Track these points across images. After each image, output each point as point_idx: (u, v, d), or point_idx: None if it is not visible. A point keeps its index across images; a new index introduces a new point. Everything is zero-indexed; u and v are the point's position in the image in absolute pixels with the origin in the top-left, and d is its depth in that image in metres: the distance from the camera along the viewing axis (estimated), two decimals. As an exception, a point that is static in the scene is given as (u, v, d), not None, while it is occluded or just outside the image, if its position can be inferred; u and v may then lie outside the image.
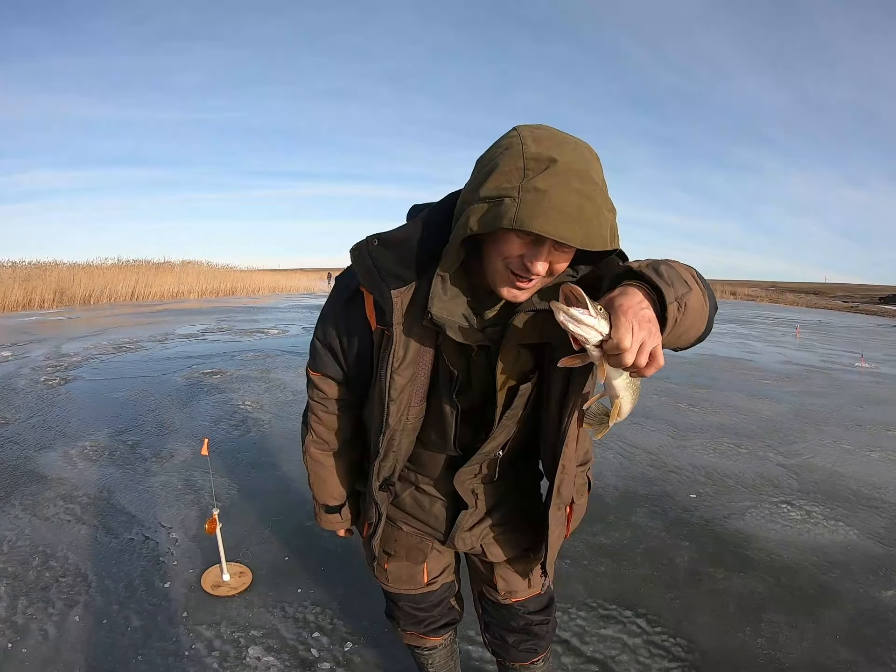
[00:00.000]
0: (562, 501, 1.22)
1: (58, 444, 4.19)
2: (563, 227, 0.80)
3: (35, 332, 10.48)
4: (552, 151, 0.83)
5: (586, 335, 0.81)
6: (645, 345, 0.78)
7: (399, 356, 1.02)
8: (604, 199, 0.84)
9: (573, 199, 0.80)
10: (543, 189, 0.80)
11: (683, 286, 0.85)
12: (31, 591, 2.38)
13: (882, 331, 18.64)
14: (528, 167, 0.82)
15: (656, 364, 0.80)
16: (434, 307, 0.95)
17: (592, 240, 0.82)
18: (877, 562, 2.76)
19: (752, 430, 5.05)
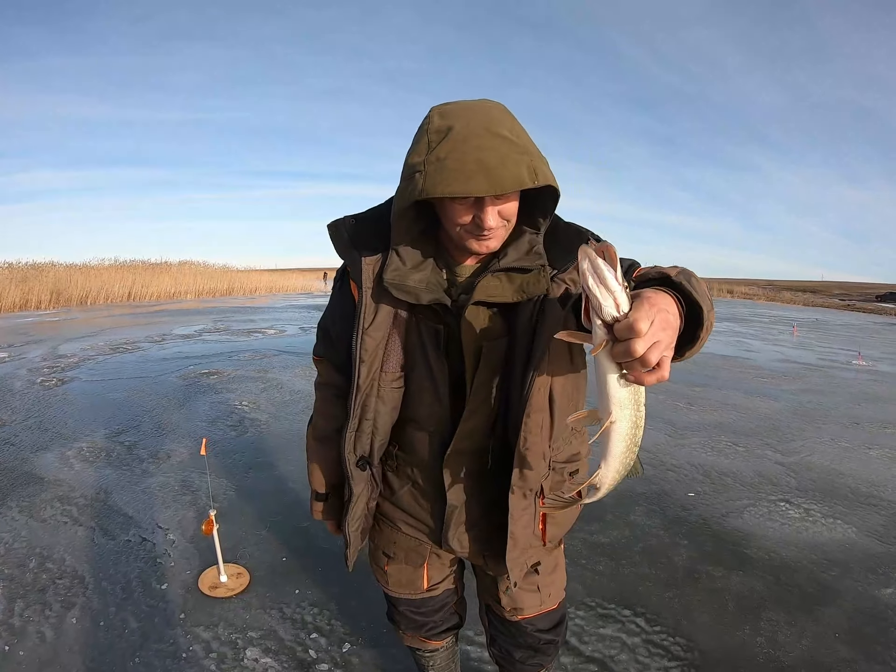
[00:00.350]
0: (527, 486, 1.13)
1: (54, 445, 4.17)
2: (465, 184, 0.87)
3: (32, 333, 10.45)
4: (450, 121, 0.92)
5: (602, 300, 0.72)
6: (659, 344, 0.71)
7: (369, 318, 1.07)
8: (511, 147, 0.90)
9: (471, 157, 0.87)
10: (443, 157, 0.89)
11: (709, 304, 0.84)
12: (28, 594, 2.37)
13: (879, 329, 18.68)
14: (430, 140, 0.92)
15: (661, 373, 0.73)
16: (386, 274, 1.03)
17: (501, 184, 0.88)
18: (876, 560, 2.77)
19: (750, 428, 5.06)
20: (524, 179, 0.89)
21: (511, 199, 0.97)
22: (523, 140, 0.94)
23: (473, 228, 0.97)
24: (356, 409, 1.14)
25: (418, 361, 1.12)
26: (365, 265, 1.06)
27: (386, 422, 1.17)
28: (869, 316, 27.25)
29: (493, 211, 0.95)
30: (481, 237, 0.99)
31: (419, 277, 1.05)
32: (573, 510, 1.30)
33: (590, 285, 0.72)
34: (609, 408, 0.80)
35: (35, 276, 17.33)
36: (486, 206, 0.94)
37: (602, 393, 0.80)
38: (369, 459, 1.21)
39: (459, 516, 1.23)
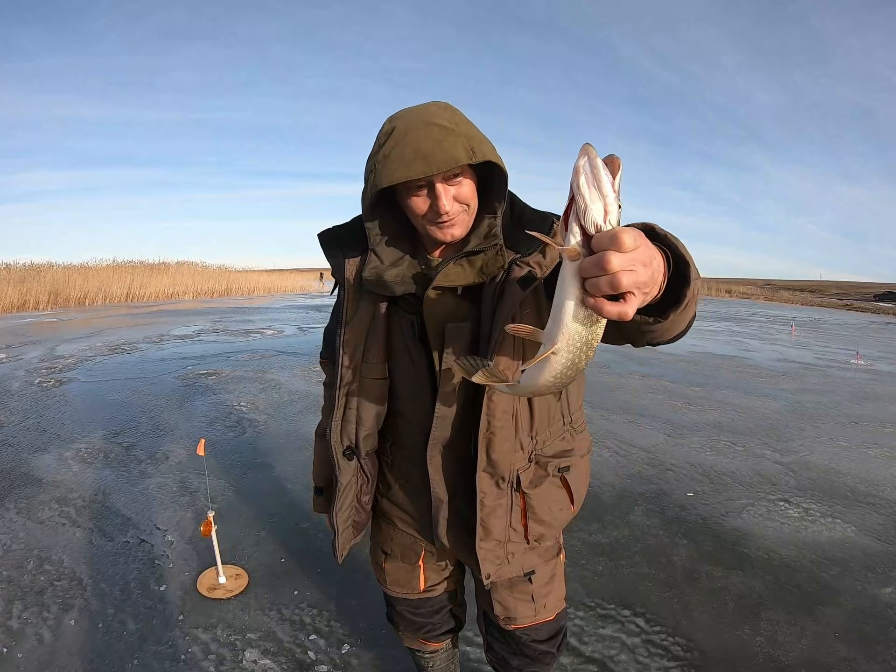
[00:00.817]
0: (497, 474, 1.14)
1: (52, 446, 4.17)
2: (405, 170, 0.96)
3: (30, 334, 10.44)
4: (394, 123, 1.01)
5: (590, 203, 0.63)
6: (635, 273, 0.62)
7: (350, 313, 1.16)
8: (446, 132, 0.97)
9: (409, 146, 0.96)
10: (387, 153, 0.99)
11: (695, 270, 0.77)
12: (27, 595, 2.36)
13: (877, 328, 18.71)
14: (379, 142, 1.02)
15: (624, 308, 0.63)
16: (365, 272, 1.11)
17: (437, 164, 0.95)
18: (875, 558, 2.77)
19: (748, 427, 5.06)
20: (460, 157, 0.96)
21: (463, 183, 1.03)
22: (462, 127, 1.00)
23: (433, 216, 1.03)
24: (340, 400, 1.20)
25: (400, 353, 1.17)
26: (348, 266, 1.15)
27: (370, 413, 1.21)
28: (867, 315, 27.30)
29: (446, 194, 1.01)
30: (442, 223, 1.04)
31: (395, 272, 1.11)
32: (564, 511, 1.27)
33: (581, 183, 0.63)
34: (556, 336, 0.70)
35: (33, 277, 17.32)
36: (438, 190, 1.00)
37: (554, 317, 0.70)
38: (356, 450, 1.24)
39: (446, 511, 1.23)
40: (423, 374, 1.15)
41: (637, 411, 5.44)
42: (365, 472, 1.28)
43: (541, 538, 1.27)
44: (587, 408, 5.09)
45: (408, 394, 1.19)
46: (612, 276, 0.60)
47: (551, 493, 1.23)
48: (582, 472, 1.30)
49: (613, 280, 0.60)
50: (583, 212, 0.63)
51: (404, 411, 1.22)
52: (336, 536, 1.31)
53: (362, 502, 1.31)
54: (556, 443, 1.23)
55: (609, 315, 0.64)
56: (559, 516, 1.27)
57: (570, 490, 1.25)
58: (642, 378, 6.99)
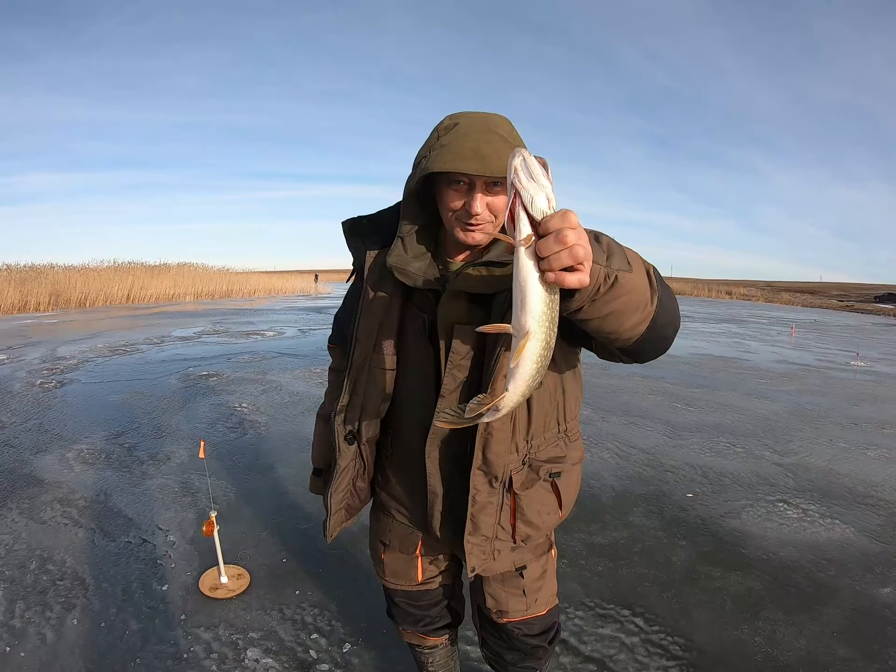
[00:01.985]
0: (490, 473, 1.16)
1: (54, 447, 4.18)
2: (459, 164, 0.99)
3: (30, 335, 10.45)
4: (457, 120, 1.06)
5: (533, 194, 0.71)
6: (584, 247, 0.70)
7: (368, 301, 1.19)
8: (504, 143, 1.01)
9: (469, 144, 1.00)
10: (445, 143, 1.02)
11: (622, 262, 0.83)
12: (29, 595, 2.37)
13: (877, 329, 18.73)
14: (438, 134, 1.06)
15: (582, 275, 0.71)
16: (390, 257, 1.13)
17: (492, 169, 0.98)
18: (873, 559, 2.78)
19: (748, 429, 5.07)
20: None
21: (499, 196, 1.05)
22: (517, 143, 1.04)
23: (463, 215, 1.06)
24: (348, 386, 1.24)
25: (410, 346, 1.21)
26: (368, 256, 1.19)
27: (374, 402, 1.24)
28: (867, 317, 27.32)
29: (481, 199, 1.04)
30: (468, 225, 1.07)
31: (418, 266, 1.14)
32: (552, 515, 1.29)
33: (521, 178, 0.71)
34: (527, 322, 0.76)
35: (34, 278, 17.30)
36: (476, 193, 1.03)
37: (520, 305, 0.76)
38: (357, 436, 1.28)
39: (441, 504, 1.26)
40: (428, 372, 1.19)
41: (637, 413, 5.45)
42: (363, 457, 1.32)
43: (527, 539, 1.29)
44: (587, 409, 5.09)
45: (412, 389, 1.23)
46: (570, 247, 0.68)
47: (541, 497, 1.25)
48: (573, 480, 1.32)
49: (572, 251, 0.68)
50: (530, 202, 0.71)
51: (407, 405, 1.25)
52: (328, 516, 1.34)
53: (357, 487, 1.35)
54: (549, 448, 1.25)
55: (571, 284, 0.71)
56: (546, 520, 1.28)
57: (559, 495, 1.27)
58: (642, 380, 7.00)
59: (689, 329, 14.75)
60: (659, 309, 0.91)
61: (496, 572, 1.33)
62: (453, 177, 1.04)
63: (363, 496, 1.38)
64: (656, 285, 0.91)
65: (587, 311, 0.83)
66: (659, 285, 0.92)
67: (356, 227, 1.24)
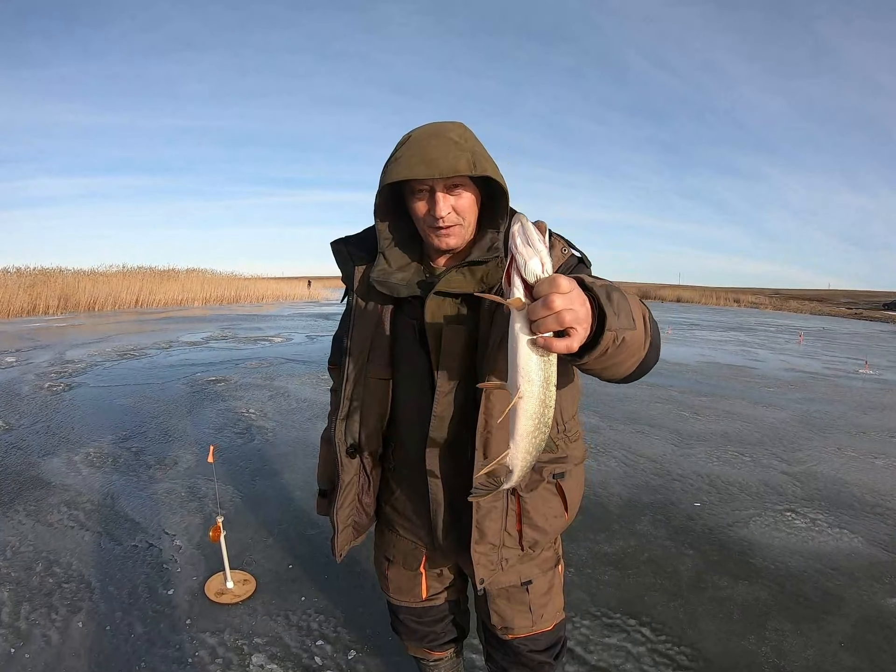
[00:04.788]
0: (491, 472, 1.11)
1: (61, 450, 4.20)
2: (407, 171, 1.04)
3: (39, 339, 10.52)
4: (411, 132, 1.11)
5: (528, 258, 0.76)
6: (574, 311, 0.74)
7: (358, 315, 1.23)
8: (453, 145, 1.05)
9: (417, 152, 1.05)
10: (398, 156, 1.07)
11: (628, 321, 0.86)
12: (35, 597, 2.38)
13: (886, 337, 18.61)
14: (395, 149, 1.10)
15: (570, 342, 0.75)
16: (373, 273, 1.18)
17: (441, 171, 1.03)
18: (881, 569, 2.75)
19: (755, 437, 5.04)
20: (461, 168, 1.04)
21: (462, 196, 1.11)
22: (469, 143, 1.09)
23: (431, 220, 1.11)
24: (345, 399, 1.26)
25: (403, 354, 1.22)
26: (357, 271, 1.24)
27: (373, 412, 1.25)
28: (876, 324, 27.14)
29: (444, 200, 1.08)
30: (438, 229, 1.12)
31: (402, 276, 1.19)
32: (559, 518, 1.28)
33: (517, 243, 0.76)
34: (518, 381, 0.80)
35: (43, 282, 17.42)
36: (437, 195, 1.08)
37: (512, 364, 0.81)
38: (359, 448, 1.27)
39: (444, 513, 1.25)
40: (422, 377, 1.20)
41: (645, 421, 5.43)
42: (366, 471, 1.31)
43: (535, 545, 1.28)
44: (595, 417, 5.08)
45: (409, 396, 1.23)
46: (557, 313, 0.73)
47: (546, 499, 1.24)
48: (576, 480, 1.31)
49: (559, 317, 0.73)
50: (523, 266, 0.76)
51: (405, 414, 1.25)
52: (336, 534, 1.34)
53: (363, 503, 1.34)
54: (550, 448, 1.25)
55: (558, 349, 0.76)
56: (553, 523, 1.28)
57: (564, 497, 1.26)
58: (650, 388, 6.97)
59: (696, 337, 14.72)
60: (649, 350, 0.97)
61: (503, 585, 1.31)
62: (414, 186, 1.10)
63: (371, 513, 1.37)
64: (650, 330, 0.95)
65: (590, 364, 0.88)
66: (651, 328, 0.97)
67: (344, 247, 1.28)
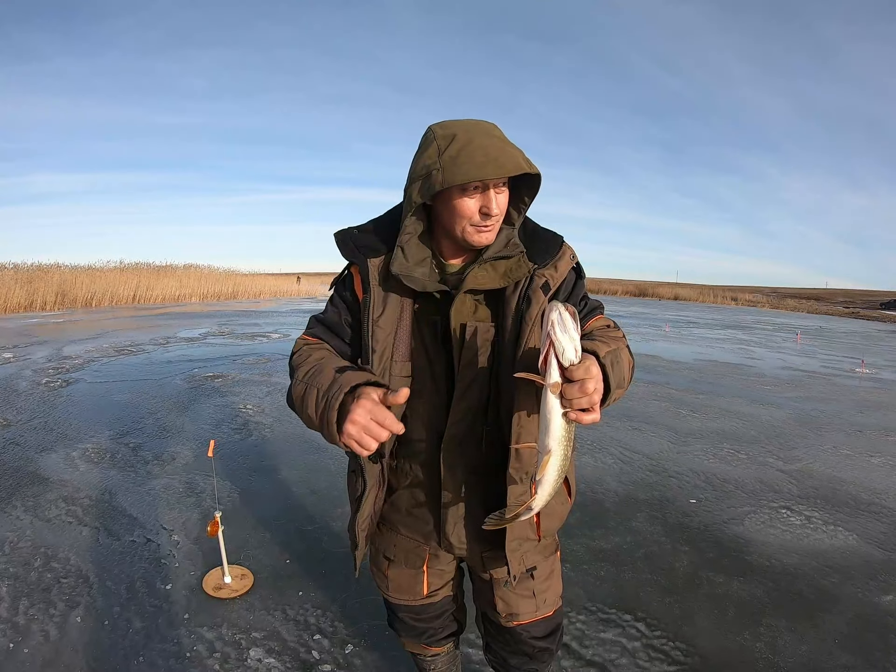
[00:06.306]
0: (522, 469, 1.15)
1: (59, 446, 4.20)
2: (479, 171, 1.02)
3: (36, 334, 10.50)
4: (453, 130, 1.09)
5: (564, 346, 0.88)
6: (599, 391, 0.92)
7: (378, 311, 1.18)
8: (506, 143, 1.07)
9: (478, 152, 1.03)
10: (455, 155, 1.04)
11: (621, 386, 1.04)
12: (33, 592, 2.39)
13: (883, 336, 18.65)
14: (440, 145, 1.07)
15: (595, 415, 0.92)
16: (394, 266, 1.14)
17: (507, 168, 1.03)
18: (876, 566, 2.77)
19: (752, 435, 5.06)
20: (522, 165, 1.05)
21: (504, 192, 1.11)
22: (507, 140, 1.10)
23: (482, 218, 1.10)
24: None
25: (420, 351, 1.20)
26: (371, 265, 1.18)
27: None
28: (873, 323, 27.19)
29: (496, 199, 1.08)
30: (484, 228, 1.11)
31: (422, 271, 1.17)
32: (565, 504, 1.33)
33: (557, 332, 0.88)
34: (549, 444, 0.94)
35: (40, 278, 17.37)
36: (490, 193, 1.08)
37: (545, 430, 0.94)
38: (381, 452, 1.23)
39: (457, 510, 1.25)
40: (439, 375, 1.20)
41: (641, 418, 5.45)
42: (383, 475, 1.28)
43: (548, 533, 1.32)
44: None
45: (423, 394, 1.21)
46: (590, 395, 0.89)
47: None
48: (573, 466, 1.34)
49: (591, 399, 0.90)
50: (561, 353, 0.88)
51: (416, 412, 1.23)
52: (358, 549, 1.32)
53: (376, 510, 1.32)
54: None
55: (586, 422, 0.92)
56: (561, 510, 1.32)
57: (567, 484, 1.31)
58: (647, 385, 6.99)
59: (694, 335, 14.74)
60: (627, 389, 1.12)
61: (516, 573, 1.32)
62: (469, 185, 1.06)
63: (377, 519, 1.36)
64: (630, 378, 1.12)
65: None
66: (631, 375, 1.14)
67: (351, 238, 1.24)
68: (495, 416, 1.19)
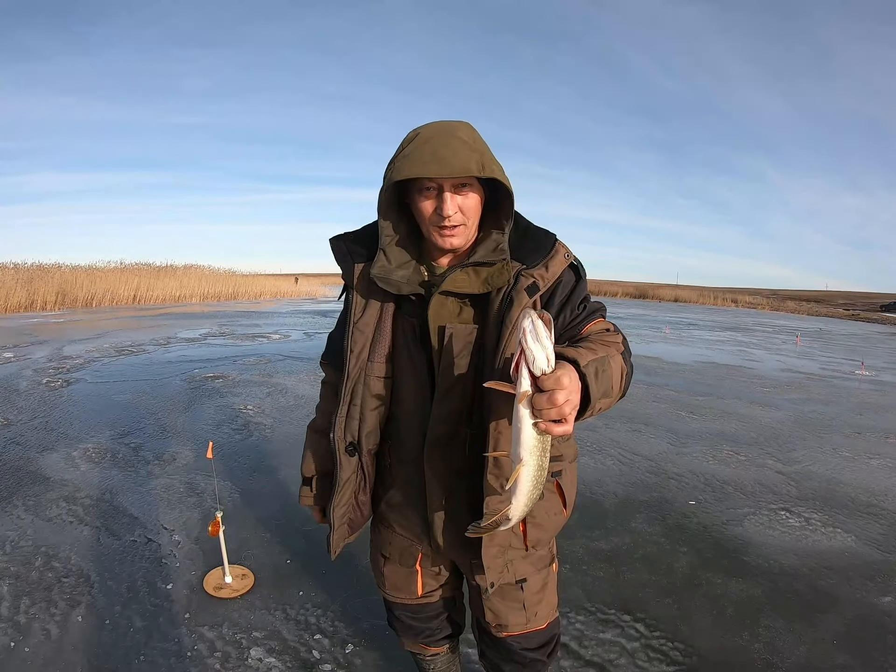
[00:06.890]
0: (502, 475, 1.12)
1: (60, 445, 4.21)
2: (419, 168, 1.04)
3: (37, 334, 10.49)
4: (420, 131, 1.11)
5: (536, 354, 0.86)
6: (571, 402, 0.88)
7: (357, 314, 1.23)
8: (463, 145, 1.06)
9: (428, 150, 1.05)
10: (407, 153, 1.07)
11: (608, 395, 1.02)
12: (34, 591, 2.39)
13: (883, 338, 18.67)
14: (402, 145, 1.11)
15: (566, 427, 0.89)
16: (373, 269, 1.17)
17: (452, 170, 1.04)
18: (874, 567, 2.78)
19: (751, 437, 5.07)
20: (471, 168, 1.05)
21: (469, 196, 1.11)
22: (478, 145, 1.10)
23: (437, 219, 1.11)
24: (345, 396, 1.25)
25: (402, 353, 1.23)
26: (356, 269, 1.23)
27: (373, 410, 1.26)
28: (873, 326, 27.22)
29: (451, 199, 1.08)
30: (444, 229, 1.12)
31: (402, 274, 1.19)
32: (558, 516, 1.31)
33: (528, 340, 0.86)
34: (521, 454, 0.92)
35: (41, 277, 17.35)
36: (445, 194, 1.08)
37: (516, 439, 0.92)
38: (357, 447, 1.28)
39: (443, 512, 1.26)
40: (422, 377, 1.21)
41: (641, 420, 5.46)
42: (364, 469, 1.31)
43: (537, 544, 1.30)
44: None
45: (407, 395, 1.24)
46: (559, 407, 0.86)
47: (547, 498, 1.25)
48: (571, 477, 1.34)
49: (560, 410, 0.86)
50: (532, 361, 0.86)
51: (403, 412, 1.26)
52: (332, 531, 1.36)
53: (359, 501, 1.35)
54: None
55: (556, 434, 0.89)
56: (554, 521, 1.30)
57: (562, 495, 1.28)
58: (647, 387, 7.00)
59: (693, 337, 14.74)
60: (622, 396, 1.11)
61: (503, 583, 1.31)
62: (422, 184, 1.09)
63: (365, 511, 1.38)
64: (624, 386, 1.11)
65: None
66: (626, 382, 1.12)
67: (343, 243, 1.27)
68: (480, 419, 1.17)
